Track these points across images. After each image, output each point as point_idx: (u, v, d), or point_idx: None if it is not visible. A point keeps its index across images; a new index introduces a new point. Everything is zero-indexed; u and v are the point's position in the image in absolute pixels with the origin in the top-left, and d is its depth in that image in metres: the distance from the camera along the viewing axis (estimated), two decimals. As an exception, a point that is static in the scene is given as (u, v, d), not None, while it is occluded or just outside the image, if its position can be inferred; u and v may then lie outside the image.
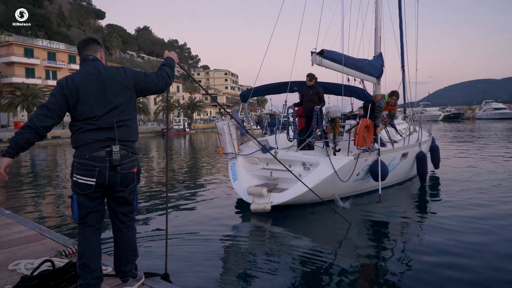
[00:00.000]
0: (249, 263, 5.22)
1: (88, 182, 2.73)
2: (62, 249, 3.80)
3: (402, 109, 14.61)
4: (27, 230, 4.72)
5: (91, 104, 2.75)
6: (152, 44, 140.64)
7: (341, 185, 7.80)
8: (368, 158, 8.26)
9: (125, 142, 2.84)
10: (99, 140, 2.74)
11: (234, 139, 8.73)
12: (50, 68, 59.39)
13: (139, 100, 62.81)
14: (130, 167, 2.88)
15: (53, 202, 9.72)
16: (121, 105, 2.83)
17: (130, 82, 2.90)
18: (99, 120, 2.75)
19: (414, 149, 10.37)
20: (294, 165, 8.15)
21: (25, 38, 61.39)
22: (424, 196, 9.42)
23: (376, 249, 5.72)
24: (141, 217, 7.53)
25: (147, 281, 3.23)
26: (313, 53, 8.94)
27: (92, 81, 2.80)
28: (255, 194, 7.43)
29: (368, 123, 7.98)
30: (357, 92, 9.03)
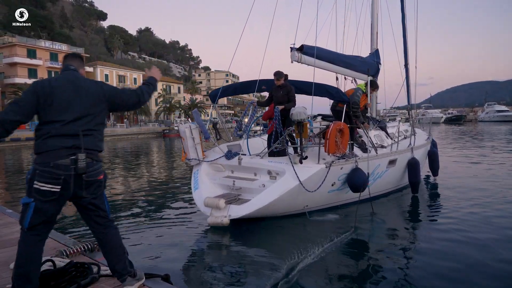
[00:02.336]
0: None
1: (52, 189, 2.73)
2: (63, 249, 3.82)
3: (403, 111, 14.20)
4: (28, 230, 4.72)
5: (62, 108, 2.80)
6: (153, 45, 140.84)
7: (313, 196, 6.98)
8: (345, 166, 7.32)
9: (91, 150, 2.86)
10: (65, 147, 2.75)
11: (197, 144, 7.81)
12: (53, 68, 59.51)
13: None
14: (96, 174, 2.92)
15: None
16: (91, 115, 2.89)
17: (105, 96, 2.99)
18: (66, 126, 2.78)
19: (405, 155, 9.31)
20: (259, 173, 7.33)
21: (27, 39, 61.54)
22: (412, 210, 8.30)
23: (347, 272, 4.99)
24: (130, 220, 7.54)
25: (148, 282, 3.24)
26: (293, 49, 8.14)
27: (68, 87, 2.88)
28: (211, 206, 6.57)
29: (341, 126, 7.04)
30: (330, 91, 7.92)
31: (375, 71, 10.95)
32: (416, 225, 7.13)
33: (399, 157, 9.02)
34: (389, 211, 8.15)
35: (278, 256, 5.34)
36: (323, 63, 8.73)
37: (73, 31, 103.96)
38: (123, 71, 73.23)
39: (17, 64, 54.37)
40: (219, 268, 5.10)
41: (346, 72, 9.78)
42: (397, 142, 9.17)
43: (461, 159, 16.53)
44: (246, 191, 7.21)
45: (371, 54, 11.44)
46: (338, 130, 6.95)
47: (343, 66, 9.39)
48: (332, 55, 9.02)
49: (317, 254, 5.33)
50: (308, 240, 5.87)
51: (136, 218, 7.69)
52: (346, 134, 7.15)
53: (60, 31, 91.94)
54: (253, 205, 6.54)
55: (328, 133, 6.82)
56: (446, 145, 23.51)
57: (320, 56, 8.54)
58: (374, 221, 7.29)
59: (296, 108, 6.92)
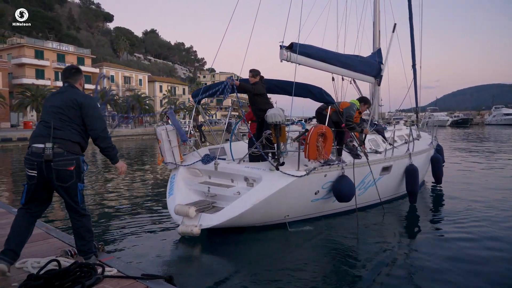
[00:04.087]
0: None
1: (31, 173, 3.35)
2: (68, 249, 3.82)
3: (409, 114, 13.71)
4: (34, 229, 4.75)
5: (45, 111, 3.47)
6: (159, 47, 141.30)
7: (294, 206, 6.57)
8: (329, 173, 6.74)
9: (60, 140, 3.34)
10: (40, 135, 3.34)
11: (174, 147, 7.33)
12: (59, 69, 59.80)
13: (145, 101, 63.14)
14: (65, 164, 3.34)
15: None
16: (64, 114, 3.42)
17: (77, 105, 3.46)
18: (45, 122, 3.41)
19: (402, 161, 8.59)
20: (236, 179, 6.86)
21: (35, 40, 62.06)
22: (406, 222, 7.63)
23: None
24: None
25: (151, 284, 3.25)
26: (282, 47, 7.58)
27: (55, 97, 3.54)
28: (181, 213, 6.10)
29: (323, 130, 6.42)
30: (313, 91, 7.18)
31: (376, 72, 10.53)
32: (407, 240, 6.57)
33: (395, 164, 8.36)
34: (381, 223, 7.40)
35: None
36: (315, 62, 8.26)
37: (80, 32, 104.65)
38: (128, 72, 73.55)
39: (25, 64, 54.81)
40: (221, 271, 5.11)
41: (343, 72, 9.28)
42: (392, 147, 8.50)
43: (468, 165, 15.67)
44: (221, 198, 6.70)
45: (373, 53, 11.04)
46: (320, 134, 6.36)
47: (340, 66, 8.90)
48: (325, 54, 8.54)
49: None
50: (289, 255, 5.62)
51: (137, 220, 7.69)
52: (329, 138, 6.56)
53: (67, 33, 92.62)
54: (225, 214, 6.01)
55: (308, 137, 6.22)
56: (452, 150, 22.77)
57: (312, 55, 8.08)
58: (362, 233, 6.73)
59: (271, 109, 6.40)
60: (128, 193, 10.71)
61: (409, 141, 9.13)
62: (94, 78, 65.99)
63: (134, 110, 62.33)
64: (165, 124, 7.85)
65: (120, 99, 61.89)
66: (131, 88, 70.45)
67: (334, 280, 4.81)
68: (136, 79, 74.00)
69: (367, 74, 10.22)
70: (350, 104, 7.67)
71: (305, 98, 7.36)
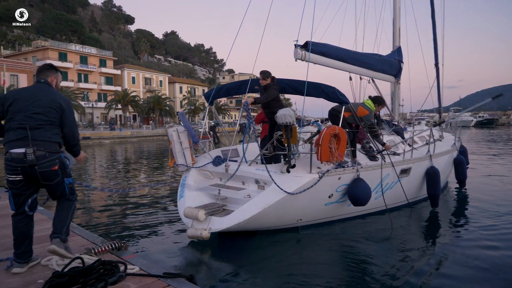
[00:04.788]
0: None
1: (16, 178, 3.35)
2: (91, 247, 3.91)
3: (432, 114, 13.21)
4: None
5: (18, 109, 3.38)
6: (179, 48, 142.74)
7: (307, 210, 6.35)
8: (343, 176, 6.51)
9: (40, 142, 3.33)
10: (18, 139, 3.30)
11: (185, 149, 7.21)
12: (82, 71, 61.24)
13: (165, 102, 63.86)
14: (49, 166, 3.37)
15: (82, 200, 9.98)
16: (43, 114, 3.39)
17: (56, 105, 3.48)
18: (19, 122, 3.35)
19: (422, 163, 8.25)
20: (247, 182, 6.71)
21: (59, 43, 63.55)
22: (427, 227, 7.26)
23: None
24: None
25: (173, 282, 3.28)
26: (296, 46, 7.41)
27: (29, 95, 3.47)
28: (191, 216, 5.97)
29: (336, 130, 6.17)
30: (326, 91, 6.92)
31: (397, 71, 10.34)
32: (427, 246, 6.18)
33: (414, 166, 8.02)
34: (399, 227, 7.01)
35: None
36: (331, 61, 8.10)
37: (102, 35, 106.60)
38: (149, 73, 74.57)
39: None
40: (241, 271, 5.10)
41: (361, 71, 9.02)
42: (411, 148, 8.21)
43: (494, 167, 15.00)
44: (231, 201, 6.55)
45: (392, 52, 10.82)
46: (333, 135, 6.14)
47: (358, 65, 8.70)
48: (342, 52, 8.36)
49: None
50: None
51: (156, 220, 7.77)
52: (343, 140, 6.30)
53: (89, 35, 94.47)
54: (234, 218, 5.88)
55: (320, 138, 6.00)
56: (477, 151, 21.94)
57: (327, 53, 7.93)
58: (379, 238, 6.45)
59: (282, 110, 6.21)
60: (147, 193, 10.83)
61: (430, 142, 8.76)
62: (116, 79, 67.15)
63: (154, 111, 63.19)
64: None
65: (141, 100, 62.80)
66: (151, 89, 71.40)
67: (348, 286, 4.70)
68: (156, 80, 74.97)
69: (386, 73, 9.99)
70: (368, 111, 7.39)
71: (318, 98, 7.12)
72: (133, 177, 14.48)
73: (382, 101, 8.00)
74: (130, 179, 14.12)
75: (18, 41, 73.61)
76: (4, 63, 46.46)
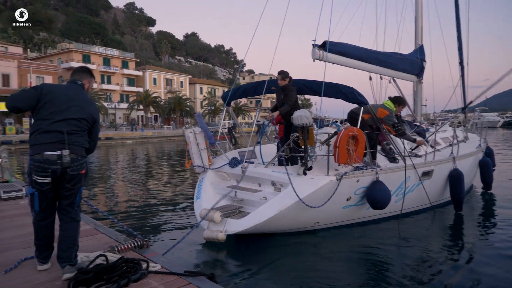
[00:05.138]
0: None
1: (45, 181, 3.28)
2: (115, 245, 3.97)
3: (456, 115, 12.49)
4: (83, 225, 4.93)
5: (54, 110, 3.31)
6: (199, 50, 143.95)
7: (324, 212, 6.12)
8: (362, 179, 6.34)
9: (73, 146, 3.31)
10: (53, 142, 3.24)
11: (202, 150, 7.18)
12: (105, 73, 62.41)
13: (186, 103, 64.51)
14: (79, 169, 3.38)
15: (106, 199, 10.18)
16: (77, 120, 3.37)
17: (90, 115, 3.48)
18: (54, 124, 3.28)
19: (444, 165, 7.94)
20: (264, 184, 6.63)
21: (83, 45, 64.99)
22: (451, 231, 6.97)
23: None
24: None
25: (194, 281, 3.30)
26: (314, 45, 7.30)
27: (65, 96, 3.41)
28: (207, 218, 5.94)
29: (354, 132, 6.06)
30: (344, 91, 6.78)
31: (419, 70, 10.13)
32: (448, 252, 5.82)
33: (437, 168, 7.73)
34: (420, 232, 6.83)
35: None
36: (350, 60, 7.97)
37: (124, 37, 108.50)
38: (170, 74, 75.43)
39: (74, 68, 57.49)
40: (258, 270, 5.11)
41: (382, 71, 8.86)
42: (433, 150, 7.97)
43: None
44: (247, 203, 6.48)
45: (414, 50, 10.57)
46: (351, 137, 6.02)
47: (378, 64, 8.56)
48: (361, 52, 8.21)
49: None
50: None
51: (177, 220, 7.84)
52: (361, 141, 6.17)
53: (112, 37, 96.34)
54: (250, 220, 5.82)
55: (338, 140, 5.91)
56: (504, 153, 21.12)
57: (346, 53, 7.82)
58: (399, 242, 6.29)
59: (298, 111, 6.10)
60: (167, 193, 10.95)
61: (453, 143, 8.47)
62: (138, 80, 68.20)
63: (175, 112, 63.89)
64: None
65: (162, 101, 63.58)
66: (172, 90, 72.21)
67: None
68: (177, 81, 75.76)
69: (408, 73, 9.78)
70: (389, 112, 7.22)
71: (336, 98, 6.96)
72: (154, 177, 14.67)
73: (402, 101, 7.84)
74: (151, 179, 14.31)
75: (44, 44, 75.68)
76: (31, 65, 47.88)
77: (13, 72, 48.12)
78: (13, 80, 47.79)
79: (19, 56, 50.28)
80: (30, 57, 61.02)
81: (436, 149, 8.10)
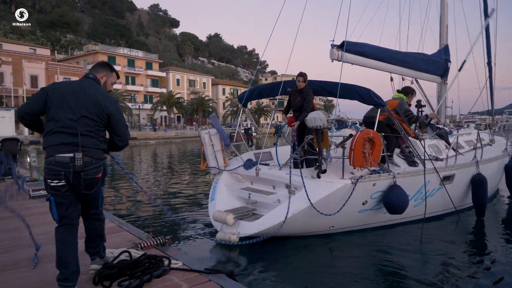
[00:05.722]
0: None
1: (59, 184, 3.01)
2: (138, 242, 4.11)
3: (484, 117, 12.33)
4: (108, 222, 5.13)
5: (64, 108, 3.05)
6: (222, 51, 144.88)
7: (339, 217, 5.94)
8: (378, 182, 6.19)
9: (88, 148, 3.04)
10: (64, 144, 2.99)
11: (217, 151, 7.17)
12: (130, 74, 63.61)
13: (208, 104, 65.05)
14: (94, 173, 3.09)
15: (130, 198, 10.41)
16: (90, 119, 3.07)
17: (102, 109, 3.13)
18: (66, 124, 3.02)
19: (467, 170, 7.69)
20: (278, 186, 6.55)
21: (108, 47, 66.43)
22: (471, 239, 6.69)
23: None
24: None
25: (214, 278, 3.40)
26: (333, 46, 7.20)
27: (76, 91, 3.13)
28: (219, 220, 5.95)
29: (370, 134, 5.92)
30: (360, 93, 6.67)
31: (443, 71, 9.91)
32: (468, 260, 5.62)
33: (458, 173, 7.48)
34: (440, 238, 6.60)
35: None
36: (370, 61, 7.85)
37: (148, 38, 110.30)
38: (193, 75, 76.26)
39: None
40: (274, 270, 5.18)
41: (404, 72, 8.72)
42: (455, 153, 7.73)
43: None
44: (261, 205, 6.44)
45: (439, 51, 10.31)
46: (367, 140, 5.88)
47: (399, 65, 8.43)
48: (381, 52, 8.06)
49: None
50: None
51: (197, 219, 7.94)
52: (378, 144, 6.01)
53: (136, 39, 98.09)
54: (263, 223, 5.77)
55: (353, 143, 5.75)
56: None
57: (366, 53, 7.70)
58: (417, 248, 6.07)
59: (312, 113, 6.01)
60: (190, 192, 11.10)
61: (477, 147, 8.19)
62: (162, 81, 69.23)
63: (198, 113, 64.54)
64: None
65: (185, 102, 64.34)
66: (195, 91, 72.96)
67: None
68: (200, 82, 76.51)
69: (431, 73, 9.58)
70: (400, 100, 7.23)
71: (353, 100, 6.87)
72: (176, 177, 14.88)
73: (411, 90, 7.83)
74: (173, 178, 14.53)
75: (71, 46, 77.73)
76: (58, 67, 49.38)
77: (41, 73, 49.70)
78: (41, 81, 49.35)
79: (47, 58, 51.88)
80: (57, 59, 62.83)
81: (458, 152, 7.89)
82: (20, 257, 3.97)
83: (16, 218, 4.63)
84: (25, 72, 41.40)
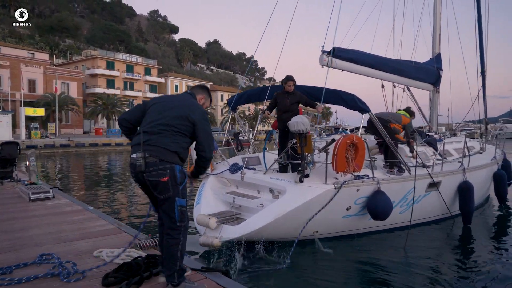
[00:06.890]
0: None
1: (139, 185, 3.20)
2: (137, 243, 4.27)
3: (479, 126, 12.37)
4: (107, 224, 5.35)
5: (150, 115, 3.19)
6: (221, 57, 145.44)
7: (323, 222, 5.99)
8: (362, 188, 6.18)
9: (155, 147, 2.98)
10: (135, 144, 3.08)
11: None
12: (128, 79, 63.76)
13: (207, 111, 65.13)
14: (157, 175, 2.96)
15: (129, 201, 10.54)
16: (169, 125, 3.09)
17: (188, 119, 3.13)
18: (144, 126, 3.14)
19: (453, 177, 7.74)
20: (262, 190, 6.56)
21: (107, 52, 66.63)
22: (457, 246, 6.77)
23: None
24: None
25: (210, 276, 3.56)
26: (323, 51, 7.20)
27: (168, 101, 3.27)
28: (202, 224, 5.81)
29: (353, 140, 5.90)
30: (345, 98, 6.69)
31: (435, 79, 10.04)
32: (453, 265, 5.70)
33: (444, 180, 7.53)
34: (426, 245, 6.67)
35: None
36: (360, 67, 7.84)
37: (147, 44, 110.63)
38: (191, 81, 76.43)
39: (98, 75, 58.98)
40: (267, 270, 5.33)
41: (395, 79, 8.78)
42: (442, 160, 7.80)
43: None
44: (245, 209, 6.39)
45: (431, 59, 10.51)
46: (350, 145, 5.86)
47: (391, 72, 8.46)
48: (372, 59, 8.09)
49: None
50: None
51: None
52: (361, 149, 5.99)
53: (136, 44, 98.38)
54: (246, 227, 5.68)
55: (336, 147, 5.73)
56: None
57: (356, 60, 7.69)
58: (402, 255, 6.15)
59: (295, 117, 6.01)
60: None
61: (465, 154, 8.28)
62: (160, 87, 69.43)
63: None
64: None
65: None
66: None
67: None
68: (198, 88, 76.60)
69: (423, 81, 9.70)
70: (409, 120, 7.79)
71: (337, 105, 6.96)
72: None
73: (413, 113, 8.38)
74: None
75: (69, 51, 77.94)
76: (57, 71, 49.42)
77: (39, 78, 49.78)
78: (39, 85, 49.46)
79: (45, 62, 51.93)
80: (55, 63, 62.90)
81: (445, 159, 7.97)
82: (24, 256, 4.11)
83: (18, 219, 4.77)
84: (23, 76, 41.35)
